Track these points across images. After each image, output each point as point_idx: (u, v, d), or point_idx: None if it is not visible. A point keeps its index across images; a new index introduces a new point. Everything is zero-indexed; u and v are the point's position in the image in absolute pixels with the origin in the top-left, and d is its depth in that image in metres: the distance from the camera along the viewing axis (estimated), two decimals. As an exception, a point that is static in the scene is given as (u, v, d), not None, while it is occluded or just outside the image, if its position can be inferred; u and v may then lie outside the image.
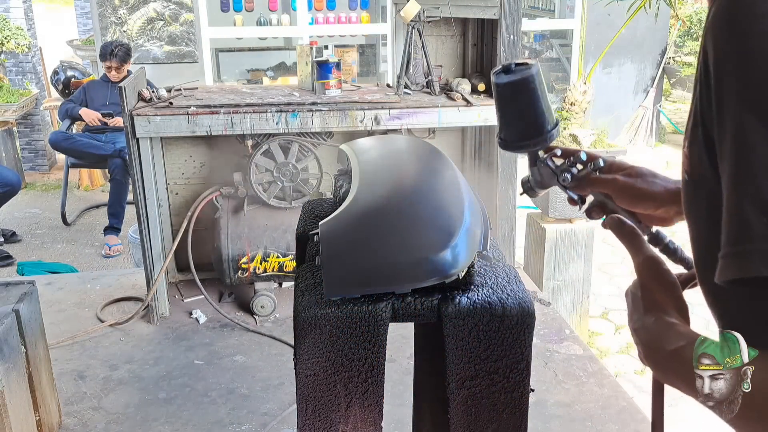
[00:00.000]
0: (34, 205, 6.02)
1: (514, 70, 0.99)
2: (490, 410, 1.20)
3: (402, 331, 1.58)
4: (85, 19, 8.72)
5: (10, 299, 2.27)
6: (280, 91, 3.52)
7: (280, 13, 6.17)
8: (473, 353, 1.17)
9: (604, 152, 3.70)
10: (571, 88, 5.91)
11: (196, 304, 3.42)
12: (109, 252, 4.95)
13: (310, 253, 1.36)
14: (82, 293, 3.59)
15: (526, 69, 0.98)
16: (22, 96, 6.28)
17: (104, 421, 2.56)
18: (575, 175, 1.01)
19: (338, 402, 1.17)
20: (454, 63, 3.67)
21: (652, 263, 0.81)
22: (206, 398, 2.70)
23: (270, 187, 3.24)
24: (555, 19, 7.33)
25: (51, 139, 5.34)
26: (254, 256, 3.25)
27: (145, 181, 3.07)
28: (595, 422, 2.55)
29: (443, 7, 3.30)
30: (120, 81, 3.91)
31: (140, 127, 2.98)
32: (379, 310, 1.13)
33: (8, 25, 6.20)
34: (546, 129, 1.00)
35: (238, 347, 3.08)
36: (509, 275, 1.26)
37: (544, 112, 1.00)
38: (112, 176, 5.04)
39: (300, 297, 1.19)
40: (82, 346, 3.08)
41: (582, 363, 2.92)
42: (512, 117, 1.02)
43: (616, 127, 6.91)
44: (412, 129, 3.35)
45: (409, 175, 1.47)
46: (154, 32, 5.61)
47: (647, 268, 0.81)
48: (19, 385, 2.20)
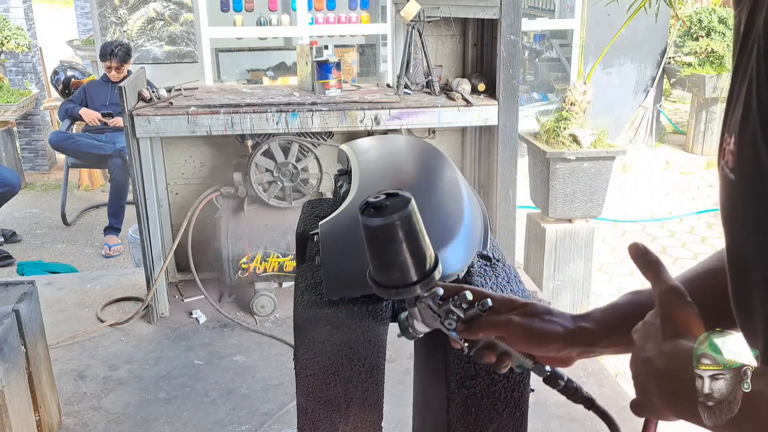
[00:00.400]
0: (34, 205, 6.02)
1: (385, 206, 0.86)
2: (490, 410, 1.20)
3: (402, 331, 1.58)
4: (85, 19, 8.72)
5: (10, 299, 2.27)
6: (280, 91, 3.52)
7: (280, 13, 6.17)
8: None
9: (604, 152, 3.70)
10: (571, 88, 5.90)
11: (196, 304, 3.42)
12: (109, 252, 4.95)
13: (310, 253, 1.36)
14: (82, 293, 3.59)
15: (401, 207, 0.85)
16: (22, 96, 6.28)
17: (104, 421, 2.56)
18: (462, 318, 0.88)
19: (338, 402, 1.17)
20: (454, 63, 3.67)
21: (676, 293, 0.76)
22: (206, 398, 2.70)
23: (270, 187, 3.24)
24: (555, 19, 7.32)
25: (51, 139, 5.34)
26: (254, 256, 3.25)
27: (145, 181, 3.07)
28: (595, 422, 2.54)
29: (443, 7, 3.29)
30: (120, 81, 3.91)
31: (140, 127, 2.98)
32: (379, 310, 1.13)
33: (8, 25, 6.20)
34: (426, 271, 0.88)
35: (238, 347, 3.08)
36: (509, 275, 1.26)
37: (424, 252, 0.87)
38: (112, 176, 5.04)
39: (300, 297, 1.19)
40: (82, 346, 3.08)
41: (582, 363, 2.91)
42: (387, 260, 0.87)
43: (616, 127, 6.91)
44: (412, 129, 3.36)
45: (409, 175, 1.47)
46: (154, 32, 5.61)
47: (670, 298, 0.76)
48: (19, 385, 2.20)
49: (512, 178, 3.39)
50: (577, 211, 3.72)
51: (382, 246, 0.86)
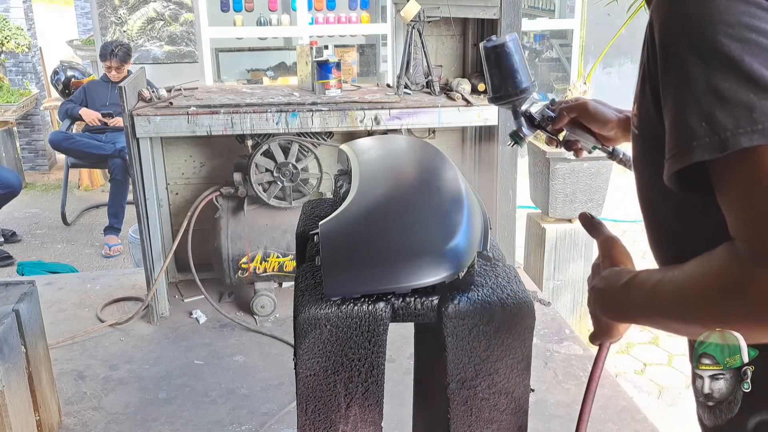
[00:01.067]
0: (34, 205, 6.02)
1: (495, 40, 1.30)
2: (490, 410, 1.20)
3: (402, 331, 1.58)
4: (85, 19, 8.73)
5: (10, 299, 2.27)
6: (280, 91, 3.52)
7: (280, 13, 6.17)
8: (473, 353, 1.17)
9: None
10: (571, 88, 5.90)
11: (196, 304, 3.42)
12: (109, 252, 4.95)
13: (310, 253, 1.36)
14: (82, 293, 3.59)
15: (504, 38, 1.29)
16: (22, 96, 6.28)
17: (104, 421, 2.56)
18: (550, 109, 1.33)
19: (338, 402, 1.17)
20: (454, 63, 3.67)
21: (611, 239, 1.05)
22: (206, 398, 2.70)
23: (270, 187, 3.24)
24: (555, 19, 7.32)
25: (51, 139, 5.34)
26: (254, 256, 3.25)
27: (145, 181, 3.07)
28: (595, 422, 2.55)
29: (443, 7, 3.30)
30: (120, 81, 3.90)
31: (140, 127, 2.98)
32: (379, 310, 1.13)
33: (8, 25, 6.20)
34: (523, 85, 1.29)
35: (238, 347, 3.08)
36: (509, 275, 1.26)
37: (519, 71, 1.29)
38: (112, 176, 5.04)
39: (300, 297, 1.19)
40: (82, 346, 3.08)
41: (582, 363, 2.92)
42: (497, 76, 1.30)
43: (616, 127, 6.89)
44: (412, 129, 3.36)
45: (409, 175, 1.47)
46: (154, 32, 5.61)
47: (607, 243, 1.04)
48: (19, 385, 2.20)
49: (512, 178, 3.39)
50: (577, 211, 3.72)
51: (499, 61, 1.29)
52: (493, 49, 1.29)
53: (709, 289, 0.76)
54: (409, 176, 1.47)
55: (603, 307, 0.99)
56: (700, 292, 0.76)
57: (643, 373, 3.53)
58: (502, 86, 1.31)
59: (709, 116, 0.74)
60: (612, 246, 1.03)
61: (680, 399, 3.26)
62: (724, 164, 0.74)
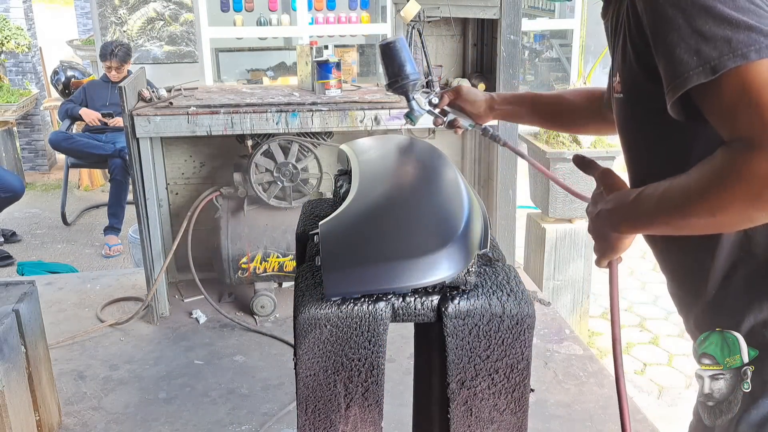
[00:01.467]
0: (34, 205, 6.02)
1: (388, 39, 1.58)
2: (490, 410, 1.20)
3: (402, 331, 1.58)
4: (85, 19, 8.73)
5: (10, 299, 2.27)
6: (280, 91, 3.52)
7: (280, 13, 6.17)
8: (473, 353, 1.17)
9: (604, 152, 3.70)
10: (571, 88, 5.90)
11: (196, 304, 3.42)
12: (109, 252, 4.95)
13: (310, 253, 1.36)
14: (82, 293, 3.59)
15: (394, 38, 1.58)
16: (22, 96, 6.28)
17: (104, 421, 2.56)
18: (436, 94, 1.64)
19: (338, 402, 1.17)
20: (454, 63, 3.67)
21: (608, 172, 1.16)
22: (206, 398, 2.70)
23: (270, 187, 3.24)
24: (555, 19, 7.33)
25: (51, 139, 5.34)
26: (254, 256, 3.25)
27: (145, 181, 3.07)
28: (595, 422, 2.55)
29: (443, 7, 3.30)
30: (120, 81, 3.91)
31: (140, 127, 2.98)
32: (379, 310, 1.13)
33: (8, 25, 6.20)
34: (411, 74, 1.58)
35: (238, 347, 3.08)
36: (509, 275, 1.26)
37: (407, 64, 1.57)
38: (112, 176, 5.04)
39: (300, 297, 1.18)
40: (82, 346, 3.08)
41: (582, 363, 2.92)
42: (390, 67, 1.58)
43: (616, 127, 6.89)
44: (412, 129, 3.35)
45: (408, 176, 1.47)
46: (154, 32, 5.61)
47: (606, 175, 1.15)
48: (19, 385, 2.20)
49: (512, 178, 3.39)
50: (577, 211, 3.72)
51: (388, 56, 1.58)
52: (387, 45, 1.57)
53: (712, 179, 0.89)
54: (409, 176, 1.47)
55: (615, 224, 1.10)
56: (705, 185, 0.90)
57: (643, 373, 3.53)
58: (393, 75, 1.58)
59: (698, 51, 0.90)
60: (610, 176, 1.16)
61: (680, 399, 3.26)
62: (715, 86, 0.89)
